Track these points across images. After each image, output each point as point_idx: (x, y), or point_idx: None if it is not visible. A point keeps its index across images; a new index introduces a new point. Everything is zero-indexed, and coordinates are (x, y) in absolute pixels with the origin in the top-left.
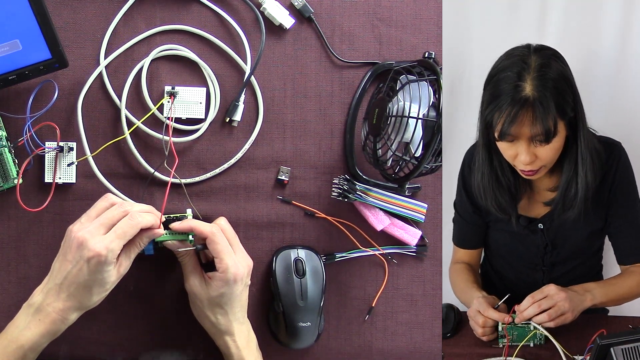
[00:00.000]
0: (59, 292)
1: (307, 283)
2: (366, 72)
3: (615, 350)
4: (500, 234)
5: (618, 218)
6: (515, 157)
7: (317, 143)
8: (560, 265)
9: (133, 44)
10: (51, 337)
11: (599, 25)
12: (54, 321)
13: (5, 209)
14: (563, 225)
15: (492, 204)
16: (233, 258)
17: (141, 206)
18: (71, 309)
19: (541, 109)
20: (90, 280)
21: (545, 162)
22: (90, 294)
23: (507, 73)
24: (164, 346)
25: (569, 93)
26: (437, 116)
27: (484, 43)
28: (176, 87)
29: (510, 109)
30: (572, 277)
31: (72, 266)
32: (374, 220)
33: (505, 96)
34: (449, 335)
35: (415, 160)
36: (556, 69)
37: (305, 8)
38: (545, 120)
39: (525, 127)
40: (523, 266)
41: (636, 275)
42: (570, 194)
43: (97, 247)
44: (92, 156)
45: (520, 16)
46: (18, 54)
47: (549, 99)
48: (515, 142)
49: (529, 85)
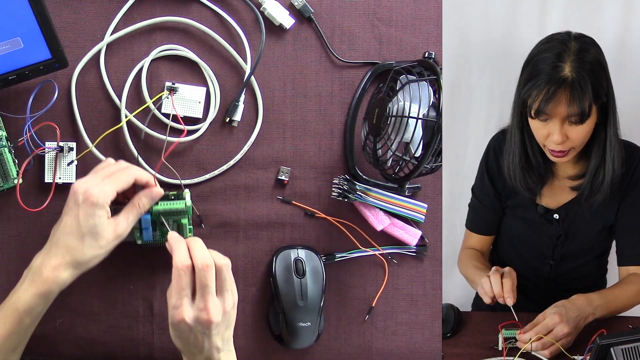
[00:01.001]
0: (54, 249)
1: (307, 283)
2: (366, 72)
3: (615, 350)
4: (516, 221)
5: (627, 218)
6: (546, 137)
7: (317, 143)
8: (568, 260)
9: (133, 43)
10: (44, 298)
11: (599, 26)
12: (46, 280)
13: (5, 209)
14: (578, 217)
15: (520, 184)
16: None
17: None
18: (63, 265)
19: (579, 90)
20: (84, 227)
21: (575, 143)
22: (83, 244)
23: (546, 54)
24: (165, 346)
25: (604, 79)
26: (437, 116)
27: (484, 43)
28: (177, 84)
29: (549, 87)
30: (577, 275)
31: (68, 216)
32: (374, 220)
33: (544, 75)
34: (449, 335)
35: (415, 160)
36: (594, 54)
37: (305, 8)
38: (582, 101)
39: (561, 106)
40: (532, 257)
41: (634, 285)
42: (598, 179)
43: (90, 189)
44: (93, 146)
45: (520, 16)
46: (19, 53)
47: (587, 81)
48: (548, 121)
49: (568, 66)
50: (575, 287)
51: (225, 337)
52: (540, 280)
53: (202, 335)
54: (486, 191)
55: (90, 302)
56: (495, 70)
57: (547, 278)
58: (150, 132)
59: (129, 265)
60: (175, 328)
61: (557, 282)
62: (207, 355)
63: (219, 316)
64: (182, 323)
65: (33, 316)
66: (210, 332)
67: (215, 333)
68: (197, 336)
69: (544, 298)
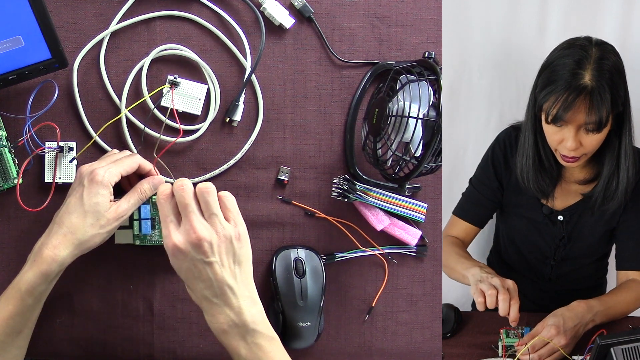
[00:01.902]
0: (55, 228)
1: (307, 283)
2: (366, 72)
3: (615, 350)
4: (519, 219)
5: (628, 223)
6: (560, 142)
7: (317, 143)
8: (569, 261)
9: (133, 43)
10: (45, 277)
11: (599, 26)
12: (46, 259)
13: (5, 209)
14: (582, 220)
15: (533, 186)
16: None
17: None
18: (64, 244)
19: (599, 99)
20: (87, 205)
21: (587, 150)
22: (84, 222)
23: (566, 60)
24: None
25: (622, 87)
26: (437, 116)
27: (484, 43)
28: (179, 79)
29: (568, 94)
30: (577, 276)
31: (72, 197)
32: (374, 220)
33: (563, 82)
34: (449, 335)
35: (415, 160)
36: (614, 62)
37: (305, 8)
38: (600, 110)
39: (580, 114)
40: (534, 257)
41: (632, 292)
42: (612, 186)
43: (96, 170)
44: (97, 135)
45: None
46: (19, 52)
47: (606, 90)
48: (563, 127)
49: (588, 74)
50: (575, 287)
51: (236, 274)
52: (540, 280)
53: (201, 264)
54: (487, 183)
55: (90, 302)
56: (495, 70)
57: (548, 278)
58: (149, 132)
59: (129, 265)
60: (174, 262)
61: (557, 282)
62: (221, 295)
63: (209, 234)
64: (175, 249)
65: (35, 296)
66: (208, 257)
67: (216, 261)
68: (196, 265)
69: (543, 298)
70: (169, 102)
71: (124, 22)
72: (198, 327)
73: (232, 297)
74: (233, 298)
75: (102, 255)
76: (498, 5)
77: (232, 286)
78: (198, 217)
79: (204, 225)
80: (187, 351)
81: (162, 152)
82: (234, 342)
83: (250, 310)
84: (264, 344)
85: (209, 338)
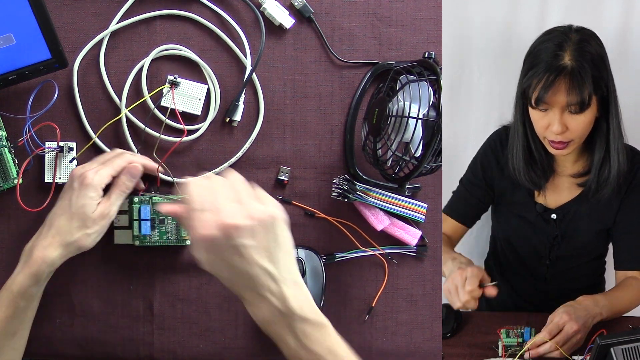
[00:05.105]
0: (45, 230)
1: (307, 283)
2: (366, 72)
3: (615, 350)
4: (513, 218)
5: (625, 223)
6: (546, 128)
7: (317, 143)
8: (564, 260)
9: (134, 43)
10: (35, 279)
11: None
12: (36, 260)
13: (5, 209)
14: (576, 219)
15: (525, 177)
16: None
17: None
18: (53, 245)
19: (579, 78)
20: (74, 207)
21: (574, 134)
22: (71, 225)
23: (547, 44)
24: (164, 346)
25: (605, 70)
26: (437, 116)
27: (484, 43)
28: (179, 79)
29: (548, 75)
30: (574, 276)
31: (62, 199)
32: (374, 220)
33: (544, 63)
34: (449, 335)
35: (415, 160)
36: (594, 46)
37: (305, 8)
38: (582, 90)
39: (561, 95)
40: (529, 257)
41: (634, 288)
42: (604, 172)
43: (86, 173)
44: (96, 137)
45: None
46: (14, 50)
47: (587, 70)
48: (548, 111)
49: (568, 55)
50: (571, 287)
51: (276, 258)
52: (536, 280)
53: (231, 250)
54: (475, 182)
55: (90, 302)
56: (495, 70)
57: (544, 278)
58: (149, 131)
59: (129, 265)
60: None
61: (553, 282)
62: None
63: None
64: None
65: (26, 298)
66: (234, 239)
67: (252, 245)
68: (225, 252)
69: (541, 298)
70: (169, 102)
71: (124, 21)
72: (198, 327)
73: (272, 283)
74: (273, 284)
75: (102, 255)
76: (498, 5)
77: (271, 271)
78: (228, 203)
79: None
80: (187, 351)
81: (167, 154)
82: (281, 332)
83: (296, 295)
84: (314, 332)
85: (209, 338)
